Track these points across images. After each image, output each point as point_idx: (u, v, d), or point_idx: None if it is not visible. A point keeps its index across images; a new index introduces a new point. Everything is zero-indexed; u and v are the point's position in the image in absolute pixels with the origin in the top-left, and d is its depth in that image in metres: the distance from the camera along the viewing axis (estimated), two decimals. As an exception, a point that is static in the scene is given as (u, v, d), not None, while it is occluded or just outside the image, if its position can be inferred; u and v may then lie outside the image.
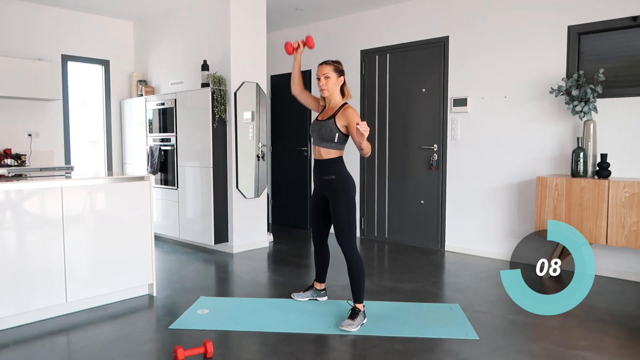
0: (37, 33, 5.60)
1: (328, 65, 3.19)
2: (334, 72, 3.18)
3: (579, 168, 4.07)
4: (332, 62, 3.21)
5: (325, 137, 3.17)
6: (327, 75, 3.18)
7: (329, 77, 3.18)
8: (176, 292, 3.77)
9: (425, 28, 5.27)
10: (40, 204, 3.12)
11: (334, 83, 3.19)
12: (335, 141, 3.16)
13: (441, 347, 2.79)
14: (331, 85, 3.19)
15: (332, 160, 3.19)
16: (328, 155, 3.20)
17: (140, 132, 5.97)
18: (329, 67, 3.18)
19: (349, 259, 3.13)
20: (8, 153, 5.27)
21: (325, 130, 3.16)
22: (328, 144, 3.18)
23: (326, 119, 3.19)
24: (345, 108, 3.16)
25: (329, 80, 3.18)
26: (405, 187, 5.52)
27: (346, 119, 3.11)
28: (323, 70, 3.19)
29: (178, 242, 5.62)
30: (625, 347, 2.79)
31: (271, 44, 6.66)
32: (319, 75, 3.20)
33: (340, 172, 3.19)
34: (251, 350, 2.77)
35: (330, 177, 3.18)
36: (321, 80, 3.19)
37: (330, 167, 3.19)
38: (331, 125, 3.15)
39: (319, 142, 3.22)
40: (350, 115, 3.11)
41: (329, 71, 3.17)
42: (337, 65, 3.21)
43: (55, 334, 2.97)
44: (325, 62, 3.21)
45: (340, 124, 3.14)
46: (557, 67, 4.41)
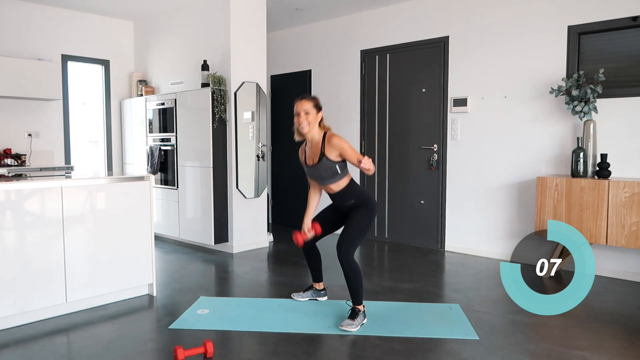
0: (37, 33, 5.61)
1: (308, 101, 3.15)
2: (313, 107, 3.15)
3: (579, 168, 4.07)
4: (311, 98, 3.17)
5: (327, 176, 3.15)
6: (307, 111, 3.13)
7: (309, 113, 3.13)
8: (176, 292, 3.77)
9: (425, 28, 5.27)
10: (40, 204, 3.12)
11: (314, 118, 3.15)
12: (338, 173, 3.15)
13: (441, 347, 2.79)
14: (311, 120, 3.14)
15: (345, 189, 3.19)
16: (339, 187, 3.19)
17: (140, 132, 5.97)
18: (309, 103, 3.14)
19: (345, 266, 3.08)
20: (8, 153, 5.28)
21: (325, 170, 3.14)
22: (334, 179, 3.16)
23: (318, 161, 3.15)
24: (329, 138, 3.12)
25: (308, 116, 3.13)
26: (405, 187, 5.52)
27: (336, 149, 3.09)
28: (303, 106, 3.14)
29: (178, 242, 5.62)
30: (625, 347, 2.79)
31: (271, 44, 6.67)
32: (299, 111, 3.15)
33: (358, 195, 3.19)
34: (251, 350, 2.77)
35: (350, 202, 3.20)
36: (301, 116, 3.14)
37: (346, 196, 3.20)
38: (327, 164, 3.12)
39: (323, 182, 3.20)
40: (337, 143, 3.08)
41: (309, 107, 3.13)
42: (316, 101, 3.18)
43: (55, 334, 2.97)
44: (304, 98, 3.17)
45: (333, 156, 3.11)
46: (557, 67, 4.41)
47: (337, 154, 3.10)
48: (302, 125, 3.14)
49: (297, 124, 3.18)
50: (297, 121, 3.16)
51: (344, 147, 3.07)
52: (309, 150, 3.25)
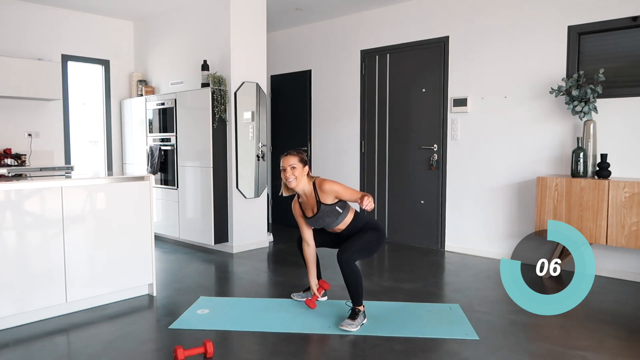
0: (37, 33, 5.60)
1: (293, 156, 3.16)
2: (299, 162, 3.15)
3: (579, 168, 4.07)
4: (296, 153, 3.18)
5: (332, 220, 3.18)
6: (294, 165, 3.14)
7: (295, 167, 3.14)
8: (176, 292, 3.77)
9: (425, 28, 5.27)
10: (40, 204, 3.12)
11: (300, 172, 3.15)
12: (341, 213, 3.18)
13: (441, 347, 2.79)
14: (298, 174, 3.14)
15: (352, 223, 3.24)
16: (346, 224, 3.24)
17: (140, 132, 5.97)
18: (295, 158, 3.15)
19: (345, 269, 3.07)
20: (8, 153, 5.28)
21: (328, 217, 3.17)
22: (339, 220, 3.20)
23: (317, 212, 3.17)
24: (319, 186, 3.15)
25: (295, 170, 3.14)
26: (405, 187, 5.52)
27: (331, 194, 3.12)
28: (289, 161, 3.15)
29: (178, 242, 5.62)
30: (625, 347, 2.79)
31: (271, 44, 6.67)
32: (285, 167, 3.15)
33: (366, 223, 3.22)
34: (251, 350, 2.77)
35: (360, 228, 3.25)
36: (287, 171, 3.14)
37: (355, 226, 3.24)
38: (327, 209, 3.14)
39: (332, 226, 3.23)
40: (330, 188, 3.12)
41: (295, 162, 3.14)
42: (302, 155, 3.19)
43: (55, 334, 2.97)
44: (290, 154, 3.17)
45: (330, 201, 3.14)
46: (557, 67, 4.41)
47: (333, 198, 3.14)
48: (289, 180, 3.15)
49: (284, 179, 3.19)
50: (284, 176, 3.17)
51: (336, 190, 3.12)
52: (304, 204, 3.27)
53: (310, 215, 3.24)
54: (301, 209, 3.32)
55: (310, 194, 3.20)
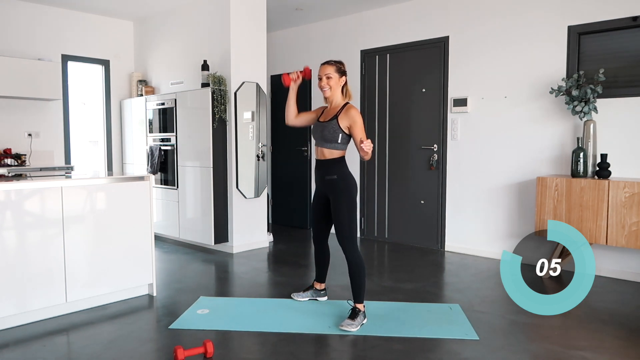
0: (37, 33, 5.60)
1: (330, 66, 3.20)
2: (335, 72, 3.19)
3: (579, 168, 4.07)
4: (334, 62, 3.22)
5: (328, 138, 3.17)
6: (329, 75, 3.19)
7: (331, 77, 3.19)
8: (176, 292, 3.77)
9: (425, 28, 5.27)
10: (40, 204, 3.12)
11: (336, 83, 3.20)
12: (338, 142, 3.17)
13: (441, 347, 2.79)
14: (333, 84, 3.19)
15: (334, 160, 3.20)
16: (331, 155, 3.20)
17: (140, 132, 5.97)
18: (332, 67, 3.19)
19: (350, 260, 3.13)
20: (8, 153, 5.27)
21: (329, 131, 3.16)
22: (331, 145, 3.18)
23: (329, 120, 3.19)
24: (348, 108, 3.16)
25: (330, 80, 3.19)
26: (405, 187, 5.52)
27: (349, 120, 3.12)
28: (325, 70, 3.20)
29: (178, 242, 5.62)
30: (625, 347, 2.79)
31: (271, 44, 6.67)
32: (321, 75, 3.21)
33: (342, 172, 3.19)
34: (251, 350, 2.77)
35: (332, 177, 3.19)
36: (323, 80, 3.21)
37: (332, 167, 3.20)
38: (334, 126, 3.15)
39: (322, 143, 3.22)
40: (353, 116, 3.11)
41: (331, 71, 3.19)
42: (340, 65, 3.23)
43: (55, 334, 2.97)
44: (328, 62, 3.22)
45: (343, 124, 3.14)
46: (557, 67, 4.41)
47: (347, 125, 3.13)
48: (324, 88, 3.21)
49: (319, 87, 3.24)
50: (320, 85, 3.23)
51: (356, 120, 3.11)
52: (326, 112, 3.30)
53: (321, 120, 3.27)
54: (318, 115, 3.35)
55: (336, 107, 3.21)
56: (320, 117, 3.33)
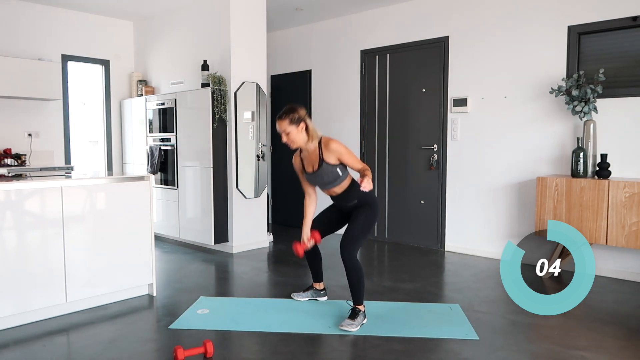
0: (37, 33, 5.61)
1: (283, 121, 3.09)
2: (290, 125, 3.09)
3: (579, 168, 4.07)
4: (285, 116, 3.09)
5: (330, 180, 3.16)
6: (287, 131, 3.10)
7: (289, 132, 3.10)
8: (176, 292, 3.77)
9: (425, 28, 5.27)
10: (40, 204, 3.12)
11: (297, 134, 3.12)
12: (340, 176, 3.16)
13: (441, 347, 2.79)
14: (294, 137, 3.12)
15: (348, 189, 3.21)
16: (342, 189, 3.21)
17: (140, 132, 5.97)
18: (285, 122, 3.09)
19: (348, 266, 3.10)
20: (8, 153, 5.27)
21: (327, 175, 3.14)
22: (337, 182, 3.18)
23: (318, 168, 3.15)
24: (325, 144, 3.12)
25: (290, 135, 3.11)
26: (405, 187, 5.52)
27: (334, 154, 3.10)
28: (281, 127, 3.11)
29: (178, 242, 5.62)
30: (625, 347, 2.79)
31: (271, 44, 6.67)
32: (280, 132, 3.14)
33: (361, 194, 3.19)
34: (251, 350, 2.77)
35: (354, 203, 3.22)
36: (283, 137, 3.14)
37: (350, 196, 3.22)
38: (327, 168, 3.12)
39: (327, 186, 3.21)
40: (336, 148, 3.09)
41: (286, 126, 3.09)
42: (293, 115, 3.09)
43: (55, 334, 2.97)
44: (280, 117, 3.11)
45: (332, 160, 3.12)
46: (557, 67, 4.41)
47: (335, 158, 3.12)
48: (288, 144, 3.16)
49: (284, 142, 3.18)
50: (283, 140, 3.17)
51: (341, 152, 3.10)
52: (306, 159, 3.25)
53: (310, 171, 3.22)
54: (302, 164, 3.30)
55: (314, 150, 3.16)
56: (306, 167, 3.26)
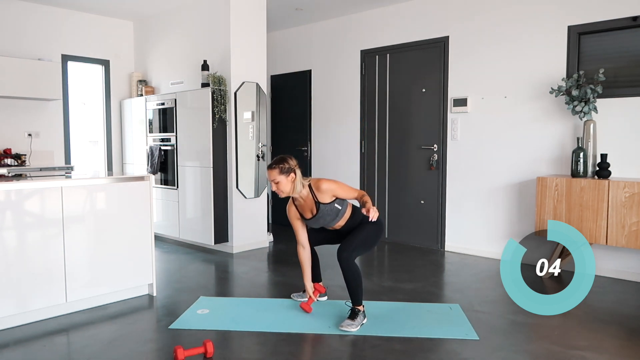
0: (37, 33, 5.60)
1: (273, 170, 3.10)
2: (280, 174, 3.09)
3: (579, 168, 4.07)
4: (275, 165, 3.10)
5: (333, 218, 3.18)
6: (276, 180, 3.10)
7: (279, 182, 3.10)
8: (176, 292, 3.77)
9: (425, 28, 5.27)
10: (40, 204, 3.12)
11: (286, 184, 3.11)
12: (340, 210, 3.18)
13: (441, 347, 2.79)
14: (283, 187, 3.12)
15: (351, 219, 3.24)
16: (345, 220, 3.23)
17: (140, 132, 5.97)
18: (275, 172, 3.09)
19: (345, 268, 3.09)
20: (8, 153, 5.27)
21: (328, 215, 3.16)
22: (339, 217, 3.19)
23: (317, 213, 3.15)
24: (316, 187, 3.13)
25: (280, 184, 3.11)
26: (405, 187, 5.52)
27: (328, 193, 3.11)
28: (271, 177, 3.11)
29: (178, 242, 5.62)
30: (625, 347, 2.79)
31: (271, 44, 6.67)
32: (270, 181, 3.15)
33: (364, 216, 3.17)
34: (251, 350, 2.77)
35: (359, 223, 3.25)
36: (273, 186, 3.14)
37: (355, 222, 3.24)
38: (326, 209, 3.14)
39: (332, 224, 3.23)
40: (327, 188, 3.10)
41: (276, 176, 3.09)
42: (282, 165, 3.10)
43: (55, 334, 2.97)
44: (270, 167, 3.12)
45: (328, 199, 3.13)
46: (557, 67, 4.41)
47: (330, 196, 3.13)
48: (278, 193, 3.15)
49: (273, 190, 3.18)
50: (272, 189, 3.17)
51: (333, 188, 3.12)
52: (301, 206, 3.24)
53: (309, 217, 3.23)
54: (298, 211, 3.30)
55: (307, 196, 3.17)
56: (304, 214, 3.24)
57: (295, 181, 3.13)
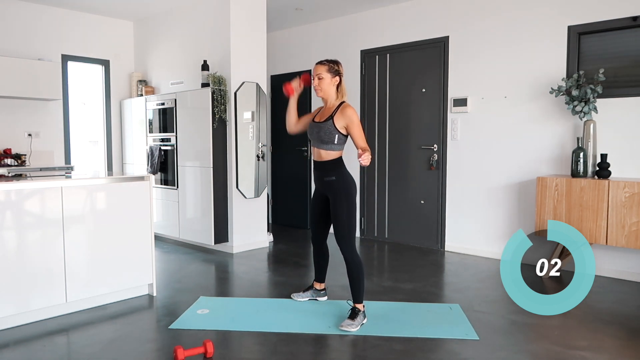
0: (37, 33, 5.61)
1: (322, 66, 3.17)
2: (327, 72, 3.15)
3: (579, 168, 4.07)
4: (327, 62, 3.18)
5: (324, 139, 3.15)
6: (321, 76, 3.15)
7: (322, 78, 3.15)
8: (176, 292, 3.77)
9: (425, 28, 5.27)
10: (40, 204, 3.12)
11: (328, 84, 3.16)
12: (335, 143, 3.14)
13: (441, 347, 2.79)
14: (325, 85, 3.16)
15: (332, 162, 3.18)
16: (328, 156, 3.18)
17: (140, 132, 5.97)
18: (323, 68, 3.16)
19: (348, 261, 3.12)
20: (8, 153, 5.27)
21: (325, 132, 3.14)
22: (328, 146, 3.16)
23: (324, 121, 3.16)
24: (343, 107, 3.13)
25: (322, 81, 3.15)
26: (405, 187, 5.52)
27: (345, 119, 3.10)
28: (317, 70, 3.17)
29: (178, 242, 5.62)
30: (625, 347, 2.79)
31: (271, 44, 6.67)
32: (314, 75, 3.19)
33: (340, 173, 3.17)
34: (251, 350, 2.77)
35: (331, 179, 3.17)
36: (315, 80, 3.18)
37: (330, 169, 3.18)
38: (330, 127, 3.12)
39: (318, 145, 3.20)
40: (350, 115, 3.09)
41: (323, 72, 3.15)
42: (332, 65, 3.17)
43: (55, 334, 2.97)
44: (321, 62, 3.19)
45: (339, 125, 3.11)
46: (557, 67, 4.41)
47: (343, 125, 3.11)
48: (315, 89, 3.19)
49: (313, 87, 3.22)
50: (313, 85, 3.21)
51: (353, 120, 3.09)
52: (320, 112, 3.28)
53: (316, 120, 3.23)
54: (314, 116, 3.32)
55: (332, 107, 3.18)
56: (316, 116, 3.29)
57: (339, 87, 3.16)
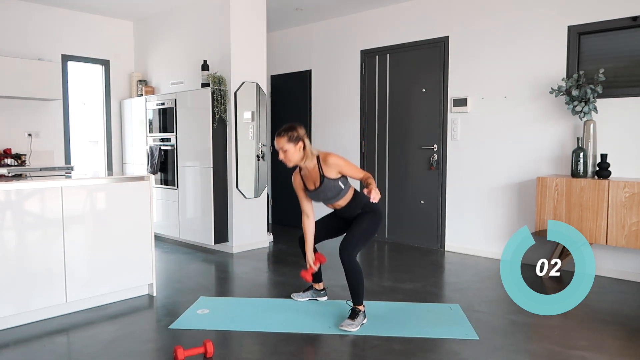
0: (37, 33, 5.61)
1: (281, 138, 3.06)
2: (288, 142, 3.06)
3: (579, 168, 4.07)
4: (284, 133, 3.06)
5: (333, 194, 3.16)
6: (284, 148, 3.07)
7: (287, 150, 3.07)
8: (176, 292, 3.77)
9: (425, 28, 5.27)
10: (40, 204, 3.12)
11: (294, 153, 3.08)
12: (342, 189, 3.16)
13: (441, 347, 2.79)
14: (291, 156, 3.09)
15: (352, 201, 3.22)
16: (346, 201, 3.22)
17: (140, 132, 5.97)
18: (283, 140, 3.05)
19: (347, 267, 3.10)
20: (8, 153, 5.27)
21: (330, 191, 3.14)
22: (340, 195, 3.18)
23: (320, 183, 3.13)
24: (324, 160, 3.10)
25: (287, 153, 3.08)
26: (405, 187, 5.52)
27: (334, 168, 3.09)
28: (279, 144, 3.08)
29: (178, 242, 5.62)
30: (626, 347, 2.79)
31: (271, 44, 6.67)
32: (278, 149, 3.11)
33: (365, 204, 3.20)
34: (251, 350, 2.77)
35: (358, 213, 3.25)
36: (280, 154, 3.11)
37: (354, 207, 3.23)
38: (329, 184, 3.12)
39: (332, 201, 3.21)
40: (334, 162, 3.08)
41: (284, 144, 3.06)
42: (291, 133, 3.06)
43: (55, 334, 2.97)
44: (279, 135, 3.08)
45: (332, 175, 3.11)
46: (557, 67, 4.41)
47: (335, 172, 3.12)
48: (284, 162, 3.12)
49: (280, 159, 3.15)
50: (280, 157, 3.14)
51: (341, 164, 3.10)
52: (306, 177, 3.23)
53: (312, 189, 3.21)
54: (303, 182, 3.28)
55: (314, 168, 3.15)
56: (307, 185, 3.23)
57: (304, 150, 3.10)
